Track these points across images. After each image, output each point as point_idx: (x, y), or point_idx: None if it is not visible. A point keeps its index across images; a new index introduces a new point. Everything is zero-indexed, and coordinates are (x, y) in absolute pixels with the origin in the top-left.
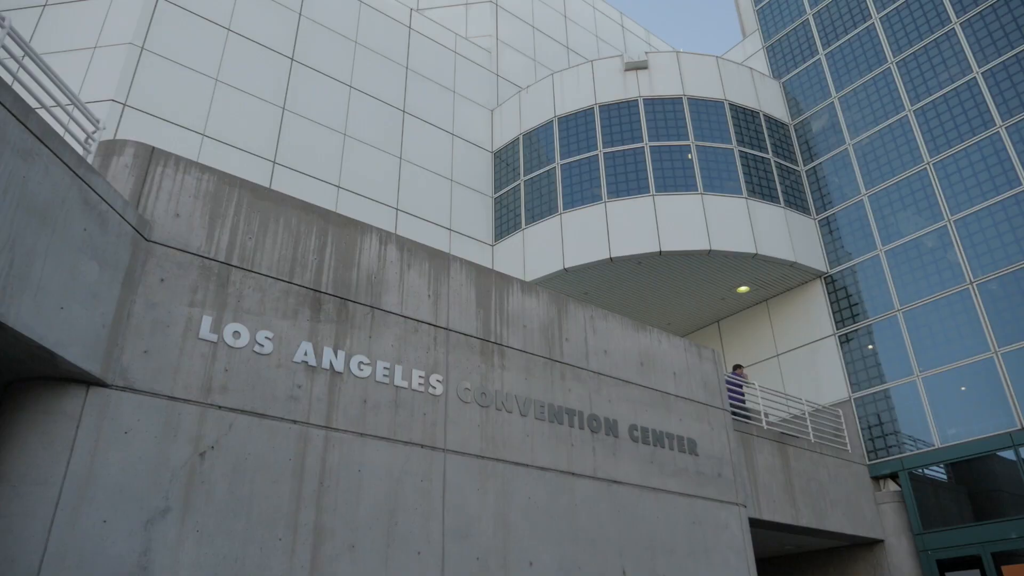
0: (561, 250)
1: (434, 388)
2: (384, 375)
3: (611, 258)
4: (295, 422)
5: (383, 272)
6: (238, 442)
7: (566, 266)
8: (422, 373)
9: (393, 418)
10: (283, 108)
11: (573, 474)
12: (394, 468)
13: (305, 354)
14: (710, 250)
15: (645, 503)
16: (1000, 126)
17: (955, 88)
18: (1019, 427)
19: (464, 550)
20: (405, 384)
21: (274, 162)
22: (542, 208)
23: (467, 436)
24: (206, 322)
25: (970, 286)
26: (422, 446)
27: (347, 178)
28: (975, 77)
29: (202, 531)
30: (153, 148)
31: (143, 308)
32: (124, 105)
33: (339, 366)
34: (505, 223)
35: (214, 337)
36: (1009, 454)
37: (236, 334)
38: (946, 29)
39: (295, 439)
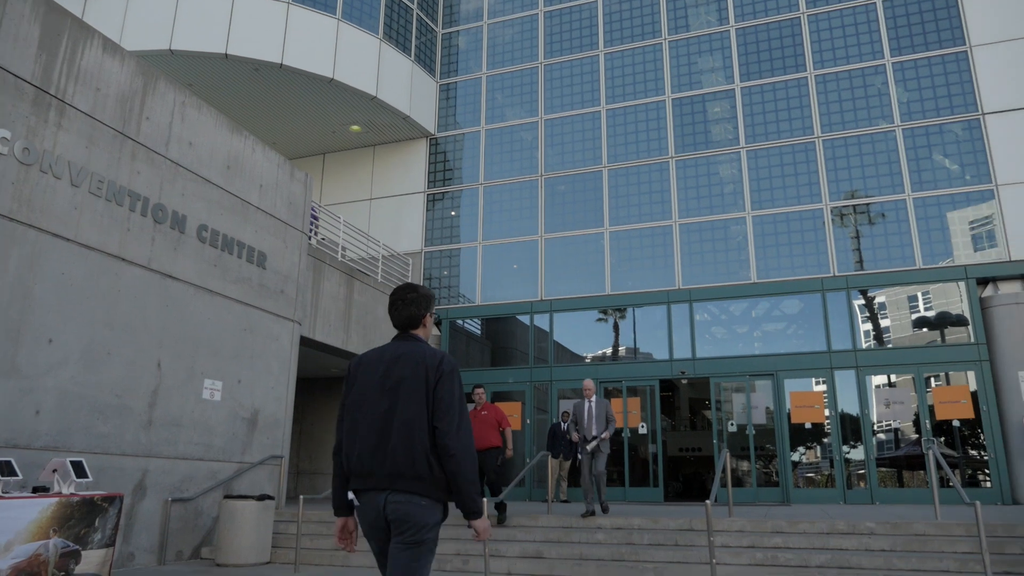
0: (172, 28)
1: None
2: None
3: (227, 55)
4: None
5: None
6: None
7: (173, 47)
8: None
9: None
10: None
11: (123, 259)
12: None
13: None
14: (332, 79)
15: (199, 303)
16: (601, 51)
17: (579, 5)
18: (539, 299)
19: None
20: None
21: None
22: None
23: None
24: None
25: (539, 178)
26: None
27: None
28: (597, 2)
29: None
30: None
31: None
32: None
33: None
34: None
35: None
36: (526, 319)
37: None
38: None
39: None
